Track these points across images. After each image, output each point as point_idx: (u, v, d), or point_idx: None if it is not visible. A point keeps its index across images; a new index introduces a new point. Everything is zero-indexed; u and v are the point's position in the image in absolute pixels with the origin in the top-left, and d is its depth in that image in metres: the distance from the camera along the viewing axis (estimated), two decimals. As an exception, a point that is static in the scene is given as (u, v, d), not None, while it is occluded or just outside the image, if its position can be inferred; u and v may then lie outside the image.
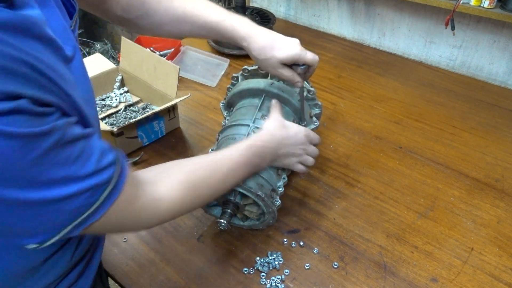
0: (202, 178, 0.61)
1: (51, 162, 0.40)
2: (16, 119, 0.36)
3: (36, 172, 0.39)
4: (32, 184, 0.39)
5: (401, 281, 0.75)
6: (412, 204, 0.90)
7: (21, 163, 0.37)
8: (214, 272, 0.76)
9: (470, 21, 1.28)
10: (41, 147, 0.38)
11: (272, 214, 0.76)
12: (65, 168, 0.41)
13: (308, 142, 0.79)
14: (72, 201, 0.42)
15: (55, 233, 0.44)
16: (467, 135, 1.09)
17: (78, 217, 0.44)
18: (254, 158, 0.70)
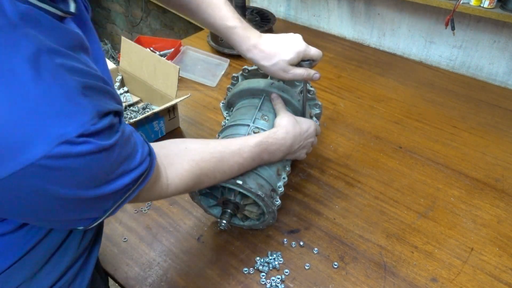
0: (207, 170, 0.64)
1: (118, 162, 0.44)
2: (107, 133, 0.41)
3: (110, 172, 0.43)
4: (102, 183, 0.43)
5: (401, 281, 0.75)
6: (412, 204, 0.90)
7: (102, 169, 0.42)
8: (214, 272, 0.76)
9: (470, 21, 1.28)
10: (115, 153, 0.43)
11: (272, 214, 0.76)
12: (123, 164, 0.45)
13: (315, 135, 0.83)
14: (125, 188, 0.47)
15: (102, 215, 0.48)
16: (467, 135, 1.09)
17: (119, 200, 0.48)
18: (263, 154, 0.72)
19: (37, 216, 0.44)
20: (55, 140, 0.36)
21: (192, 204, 0.88)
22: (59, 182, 0.39)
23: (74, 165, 0.39)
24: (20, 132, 0.35)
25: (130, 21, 2.90)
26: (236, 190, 0.74)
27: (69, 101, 0.38)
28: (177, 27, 2.52)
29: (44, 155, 0.36)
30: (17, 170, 0.36)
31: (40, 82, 0.36)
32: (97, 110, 0.40)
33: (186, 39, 1.57)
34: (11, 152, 0.35)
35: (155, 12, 2.61)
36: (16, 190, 0.38)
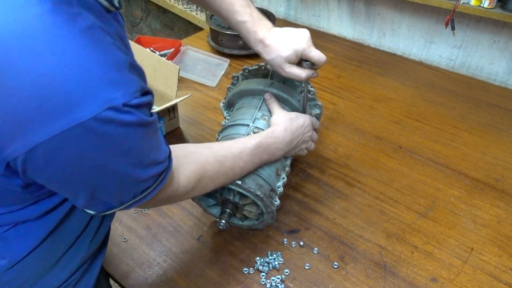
0: (211, 173, 0.65)
1: (151, 146, 0.47)
2: (147, 110, 0.45)
3: (144, 154, 0.46)
4: (138, 164, 0.46)
5: (401, 281, 0.75)
6: (412, 204, 0.90)
7: (139, 146, 0.45)
8: (214, 272, 0.76)
9: (470, 21, 1.28)
10: (151, 133, 0.46)
11: (271, 214, 0.76)
12: (155, 153, 0.48)
13: (312, 129, 0.83)
14: (148, 181, 0.49)
15: (118, 205, 0.50)
16: (467, 135, 1.09)
17: (138, 196, 0.50)
18: (263, 155, 0.72)
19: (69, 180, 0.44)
20: (104, 104, 0.38)
21: (192, 204, 0.88)
22: (98, 149, 0.41)
23: (115, 133, 0.41)
24: (72, 93, 0.37)
25: (130, 21, 2.90)
26: (235, 190, 0.74)
27: (118, 71, 0.40)
28: (177, 27, 2.52)
29: (93, 116, 0.38)
30: (67, 129, 0.38)
31: (95, 49, 0.39)
32: (141, 86, 0.43)
33: (186, 39, 1.57)
34: (63, 109, 0.37)
35: (155, 12, 2.61)
36: (61, 150, 0.39)
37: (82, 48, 0.38)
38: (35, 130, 0.38)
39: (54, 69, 0.37)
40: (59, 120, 0.37)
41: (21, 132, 0.38)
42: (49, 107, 0.37)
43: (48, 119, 0.37)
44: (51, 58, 0.37)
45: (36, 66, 0.36)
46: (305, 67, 0.74)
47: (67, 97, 0.37)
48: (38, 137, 0.38)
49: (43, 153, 0.39)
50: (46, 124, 0.38)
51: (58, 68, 0.37)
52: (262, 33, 0.74)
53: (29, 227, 0.51)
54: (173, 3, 2.22)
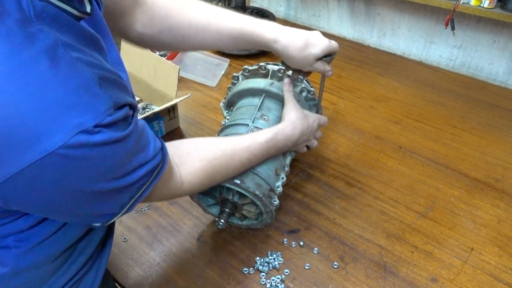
0: (219, 167, 0.65)
1: (132, 154, 0.45)
2: (122, 124, 0.42)
3: (126, 163, 0.44)
4: (118, 176, 0.44)
5: (401, 281, 0.75)
6: (412, 204, 0.90)
7: (118, 161, 0.43)
8: (214, 272, 0.76)
9: (470, 21, 1.28)
10: (130, 144, 0.43)
11: (270, 214, 0.76)
12: (138, 156, 0.46)
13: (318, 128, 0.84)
14: (138, 182, 0.48)
15: (118, 212, 0.49)
16: (467, 135, 1.09)
17: (135, 195, 0.49)
18: (271, 150, 0.73)
19: (55, 209, 0.44)
20: (74, 129, 0.37)
21: (192, 204, 0.88)
22: (76, 174, 0.39)
23: (91, 155, 0.39)
24: (39, 122, 0.36)
25: (130, 21, 2.89)
26: (234, 190, 0.74)
27: (86, 92, 0.38)
28: (177, 27, 2.51)
29: (63, 144, 0.36)
30: (36, 160, 0.36)
31: (58, 72, 0.37)
32: (114, 101, 0.40)
33: (186, 39, 1.57)
34: (30, 142, 0.36)
35: (155, 12, 2.60)
36: (35, 181, 0.38)
37: (42, 74, 0.36)
38: (5, 164, 0.36)
39: (14, 100, 0.35)
40: (27, 153, 0.36)
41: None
42: (14, 140, 0.35)
43: (16, 153, 0.36)
44: (11, 89, 0.35)
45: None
46: (328, 62, 0.77)
47: (32, 128, 0.35)
48: (11, 169, 0.37)
49: (19, 182, 0.38)
50: (16, 157, 0.36)
51: (19, 99, 0.35)
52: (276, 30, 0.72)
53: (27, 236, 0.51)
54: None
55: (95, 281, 0.63)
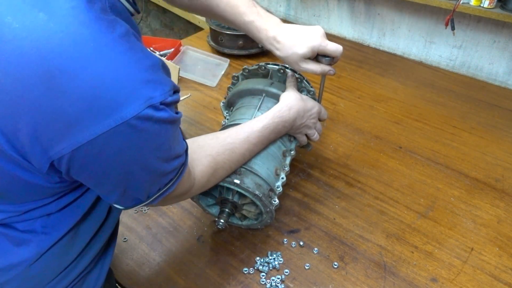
0: (222, 163, 0.66)
1: (176, 141, 0.51)
2: (175, 107, 0.48)
3: (170, 148, 0.49)
4: (163, 157, 0.49)
5: (401, 281, 0.75)
6: (412, 204, 0.90)
7: (168, 141, 0.48)
8: (214, 272, 0.76)
9: (470, 21, 1.28)
10: (177, 128, 0.50)
11: (270, 214, 0.76)
12: (177, 146, 0.52)
13: (318, 118, 0.83)
14: (171, 174, 0.52)
15: (145, 199, 0.53)
16: (467, 135, 1.09)
17: (163, 188, 0.53)
18: (270, 135, 0.74)
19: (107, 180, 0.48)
20: (145, 102, 0.42)
21: (192, 204, 0.88)
22: (136, 145, 0.44)
23: (152, 129, 0.44)
24: (119, 93, 0.40)
25: (130, 21, 2.89)
26: (234, 190, 0.74)
27: (154, 72, 0.44)
28: (177, 27, 2.52)
29: (136, 114, 0.41)
30: (112, 128, 0.41)
31: (135, 54, 0.42)
32: (173, 85, 0.46)
33: (186, 39, 1.57)
34: (110, 109, 0.40)
35: (155, 12, 2.61)
36: (102, 150, 0.43)
37: (123, 53, 0.41)
38: (83, 130, 0.40)
39: (101, 73, 0.40)
40: (105, 120, 0.40)
41: (69, 132, 0.41)
42: (97, 107, 0.40)
43: (96, 119, 0.40)
44: (99, 63, 0.40)
45: (85, 70, 0.39)
46: (323, 62, 0.74)
47: (113, 97, 0.40)
48: (85, 136, 0.41)
49: (87, 151, 0.42)
50: (94, 124, 0.40)
51: (105, 72, 0.40)
52: (273, 30, 0.73)
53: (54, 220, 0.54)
54: (173, 3, 2.22)
55: (98, 279, 0.64)
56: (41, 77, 0.39)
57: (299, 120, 0.77)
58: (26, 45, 0.38)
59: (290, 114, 0.75)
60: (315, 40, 0.72)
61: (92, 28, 0.40)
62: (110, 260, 0.67)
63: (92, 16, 0.40)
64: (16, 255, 0.53)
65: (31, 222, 0.53)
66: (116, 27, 0.42)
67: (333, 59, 0.74)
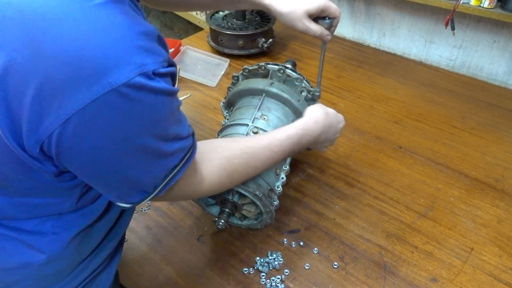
0: (238, 166, 0.64)
1: (174, 120, 0.47)
2: (171, 80, 0.45)
3: (168, 126, 0.46)
4: (160, 135, 0.46)
5: (401, 281, 0.75)
6: (412, 204, 0.90)
7: (165, 116, 0.45)
8: (214, 272, 0.76)
9: (470, 21, 1.28)
10: (174, 105, 0.47)
11: (270, 214, 0.76)
12: (178, 127, 0.48)
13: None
14: (174, 158, 0.49)
15: (153, 190, 0.50)
16: (467, 135, 1.09)
17: (168, 175, 0.50)
18: (294, 146, 0.71)
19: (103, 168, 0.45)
20: (136, 69, 0.39)
21: (192, 204, 0.88)
22: (129, 119, 0.41)
23: (146, 100, 0.41)
24: (107, 56, 0.37)
25: (130, 21, 2.89)
26: (234, 190, 0.74)
27: (149, 41, 0.41)
28: (177, 27, 2.52)
29: (126, 81, 0.38)
30: (101, 95, 0.38)
31: (126, 18, 0.39)
32: (168, 57, 0.43)
33: (186, 39, 1.57)
34: (98, 74, 0.37)
35: (155, 12, 2.61)
36: (92, 122, 0.39)
37: (114, 15, 0.39)
38: (70, 98, 0.37)
39: (88, 35, 0.37)
40: (93, 86, 0.37)
41: (56, 102, 0.38)
42: (84, 72, 0.37)
43: (83, 84, 0.37)
44: (86, 24, 0.37)
45: (71, 32, 0.36)
46: (323, 25, 0.73)
47: (101, 62, 0.37)
48: (72, 106, 0.38)
49: (76, 125, 0.39)
50: (81, 90, 0.37)
51: (92, 33, 0.37)
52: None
53: (65, 221, 0.53)
54: (173, 3, 2.22)
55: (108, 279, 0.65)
56: (25, 42, 0.36)
57: (323, 135, 0.75)
58: (8, 10, 0.36)
59: (316, 128, 0.73)
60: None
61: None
62: (118, 261, 0.67)
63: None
64: (28, 256, 0.52)
65: (41, 221, 0.51)
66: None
67: (332, 23, 0.73)
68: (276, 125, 0.79)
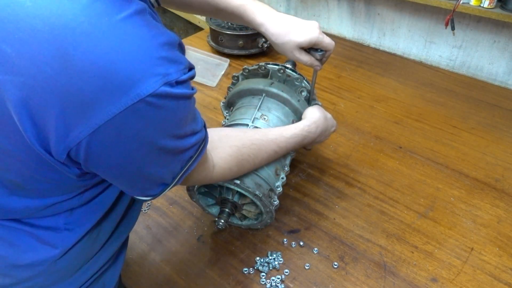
0: (247, 156, 0.67)
1: (191, 116, 0.49)
2: (190, 84, 0.46)
3: (186, 125, 0.48)
4: (179, 135, 0.47)
5: (401, 281, 0.75)
6: (412, 204, 0.90)
7: (185, 117, 0.47)
8: (214, 272, 0.76)
9: (470, 21, 1.28)
10: (192, 105, 0.48)
11: (270, 214, 0.76)
12: (193, 123, 0.50)
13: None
14: (189, 151, 0.51)
15: (171, 182, 0.52)
16: (467, 135, 1.09)
17: (185, 167, 0.52)
18: (295, 144, 0.76)
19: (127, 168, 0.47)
20: (161, 79, 0.40)
21: (192, 204, 0.88)
22: (154, 124, 0.43)
23: (169, 106, 0.43)
24: (135, 69, 0.39)
25: (130, 21, 2.89)
26: (234, 190, 0.74)
27: (170, 49, 0.43)
28: (177, 27, 2.52)
29: (153, 92, 0.40)
30: (129, 106, 0.39)
31: (151, 30, 0.41)
32: (188, 62, 0.45)
33: (186, 39, 1.57)
34: (126, 87, 0.39)
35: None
36: (120, 131, 0.41)
37: (139, 28, 0.40)
38: (100, 109, 0.39)
39: (117, 49, 0.38)
40: (122, 97, 0.39)
41: (86, 113, 0.39)
42: (113, 85, 0.38)
43: (113, 97, 0.39)
44: (114, 39, 0.38)
45: (100, 46, 0.38)
46: (314, 56, 0.76)
47: (129, 74, 0.39)
48: (103, 117, 0.39)
49: (105, 134, 0.40)
50: (111, 102, 0.39)
51: (120, 47, 0.38)
52: (269, 14, 0.75)
53: (77, 216, 0.54)
54: (173, 3, 2.22)
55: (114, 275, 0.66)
56: (55, 55, 0.37)
57: (319, 137, 0.82)
58: (38, 23, 0.37)
59: (316, 131, 0.79)
60: (313, 32, 0.74)
61: (107, 2, 0.39)
62: (123, 261, 0.68)
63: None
64: (42, 252, 0.53)
65: (54, 218, 0.53)
66: (132, 3, 0.41)
67: (324, 54, 0.77)
68: (276, 125, 0.80)
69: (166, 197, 0.91)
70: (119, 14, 0.39)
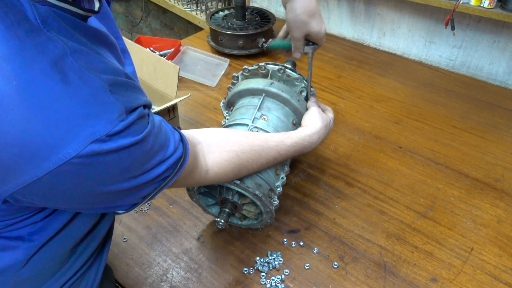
0: (245, 161, 0.66)
1: (152, 153, 0.45)
2: (137, 127, 0.42)
3: (141, 165, 0.44)
4: (136, 174, 0.45)
5: (401, 281, 0.75)
6: (412, 204, 0.90)
7: (135, 162, 0.43)
8: (214, 272, 0.76)
9: (470, 21, 1.28)
10: (149, 144, 0.44)
11: (270, 214, 0.76)
12: (158, 154, 0.47)
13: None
14: (161, 176, 0.49)
15: (141, 201, 0.50)
16: (467, 135, 1.09)
17: (159, 186, 0.50)
18: (295, 152, 0.76)
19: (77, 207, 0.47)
20: (86, 139, 0.37)
21: (192, 204, 0.88)
22: (92, 178, 0.40)
23: (105, 161, 0.40)
24: (52, 135, 0.37)
25: (130, 21, 2.90)
26: (234, 190, 0.74)
27: (96, 101, 0.39)
28: (177, 27, 2.52)
29: (76, 154, 0.37)
30: (52, 169, 0.37)
31: (68, 86, 0.37)
32: (125, 107, 0.40)
33: (186, 39, 1.57)
34: (44, 154, 0.37)
35: (155, 12, 2.61)
36: (53, 187, 0.39)
37: (54, 88, 0.36)
38: (23, 173, 0.38)
39: (28, 115, 0.36)
40: (43, 163, 0.37)
41: (9, 176, 0.38)
42: (30, 153, 0.37)
43: (31, 163, 0.37)
44: (24, 104, 0.36)
45: (10, 113, 0.35)
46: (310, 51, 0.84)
47: (45, 141, 0.36)
48: (27, 179, 0.38)
49: (38, 188, 0.39)
50: (32, 167, 0.37)
51: (32, 114, 0.36)
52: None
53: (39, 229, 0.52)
54: (173, 3, 2.22)
55: (96, 276, 0.64)
56: None
57: (319, 143, 0.81)
58: None
59: (318, 141, 0.79)
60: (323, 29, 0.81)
61: (14, 62, 0.35)
62: (106, 255, 0.66)
63: (14, 46, 0.35)
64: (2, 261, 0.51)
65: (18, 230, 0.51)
66: (46, 52, 0.36)
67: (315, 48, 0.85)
68: (276, 125, 0.80)
69: (166, 197, 0.91)
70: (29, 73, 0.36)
